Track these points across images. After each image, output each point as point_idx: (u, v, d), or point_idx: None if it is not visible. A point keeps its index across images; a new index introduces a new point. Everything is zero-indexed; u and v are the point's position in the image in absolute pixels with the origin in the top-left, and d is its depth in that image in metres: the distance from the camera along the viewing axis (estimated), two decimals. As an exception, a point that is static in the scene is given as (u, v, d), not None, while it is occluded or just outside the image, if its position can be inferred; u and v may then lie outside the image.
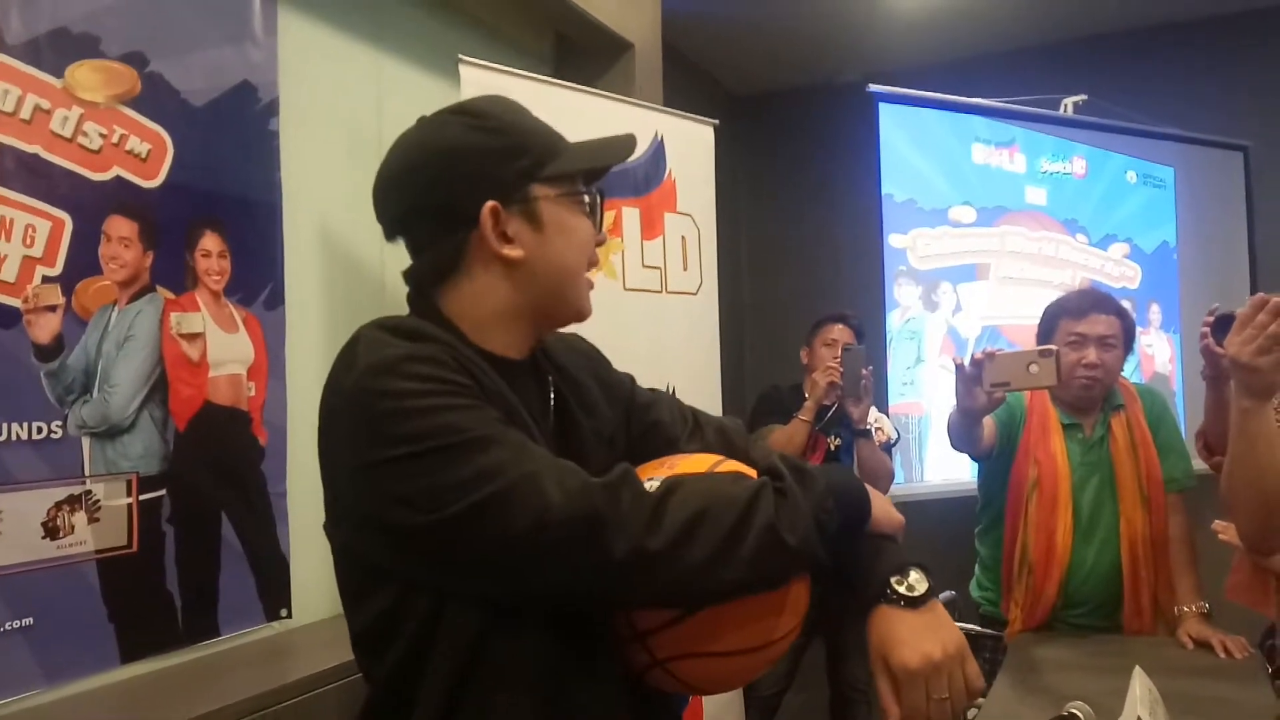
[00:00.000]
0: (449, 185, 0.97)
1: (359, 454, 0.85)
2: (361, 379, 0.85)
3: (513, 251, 0.96)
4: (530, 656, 0.88)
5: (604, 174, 1.07)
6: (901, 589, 0.89)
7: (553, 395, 1.04)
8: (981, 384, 1.88)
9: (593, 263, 1.04)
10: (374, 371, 0.85)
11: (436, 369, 0.86)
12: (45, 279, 1.62)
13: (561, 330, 1.08)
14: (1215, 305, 1.73)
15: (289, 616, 2.07)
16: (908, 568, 0.91)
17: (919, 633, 0.87)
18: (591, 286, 1.05)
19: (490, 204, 0.95)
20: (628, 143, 1.05)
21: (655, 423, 1.12)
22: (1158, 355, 4.20)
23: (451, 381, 0.86)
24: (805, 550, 0.86)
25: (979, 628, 2.31)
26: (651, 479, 0.90)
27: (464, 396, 0.86)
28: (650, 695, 0.99)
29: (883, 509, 0.96)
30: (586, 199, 1.02)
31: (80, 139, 1.69)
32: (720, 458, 1.01)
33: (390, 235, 1.02)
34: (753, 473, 0.95)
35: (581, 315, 1.04)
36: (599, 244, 1.04)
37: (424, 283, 1.00)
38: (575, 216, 1.00)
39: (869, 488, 0.96)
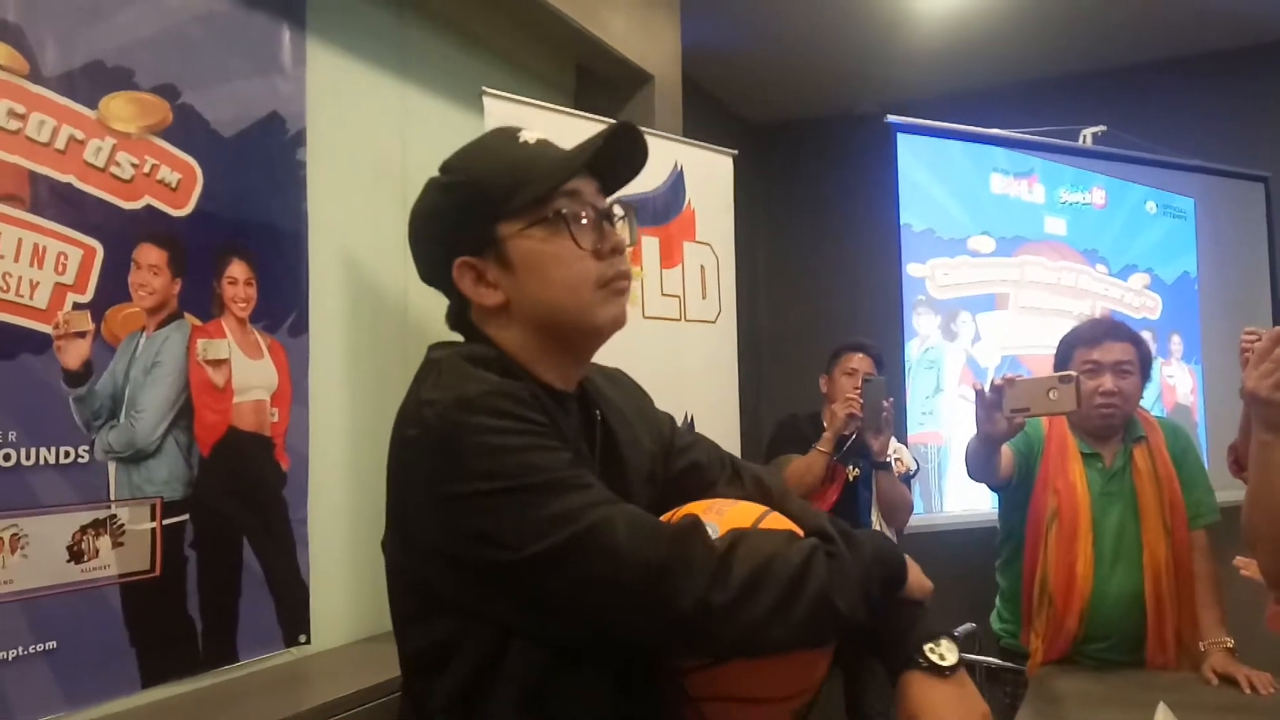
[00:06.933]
0: (431, 249, 1.02)
1: (439, 486, 0.86)
2: (447, 412, 0.87)
3: (492, 298, 0.98)
4: (592, 689, 0.90)
5: (610, 179, 1.02)
6: (934, 657, 0.91)
7: (600, 430, 1.04)
8: (1002, 409, 1.88)
9: (606, 277, 0.98)
10: (460, 405, 0.87)
11: (519, 406, 0.88)
12: (76, 305, 1.65)
13: (604, 365, 1.11)
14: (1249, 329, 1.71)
15: (308, 642, 2.07)
16: (940, 636, 0.93)
17: (950, 702, 0.90)
18: (621, 293, 1.00)
19: (458, 260, 0.98)
20: (593, 141, 0.97)
21: (694, 464, 1.14)
22: (1179, 386, 4.18)
23: (533, 421, 0.88)
24: (853, 616, 0.88)
25: (999, 660, 2.29)
26: (711, 525, 0.91)
27: (545, 437, 0.88)
28: None
29: (915, 575, 0.99)
30: (568, 214, 0.96)
31: (113, 169, 1.72)
32: (766, 509, 1.01)
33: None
34: (798, 529, 0.96)
35: (600, 331, 1.00)
36: (607, 254, 0.98)
37: (460, 332, 1.04)
38: (551, 242, 0.96)
39: (906, 556, 0.99)
